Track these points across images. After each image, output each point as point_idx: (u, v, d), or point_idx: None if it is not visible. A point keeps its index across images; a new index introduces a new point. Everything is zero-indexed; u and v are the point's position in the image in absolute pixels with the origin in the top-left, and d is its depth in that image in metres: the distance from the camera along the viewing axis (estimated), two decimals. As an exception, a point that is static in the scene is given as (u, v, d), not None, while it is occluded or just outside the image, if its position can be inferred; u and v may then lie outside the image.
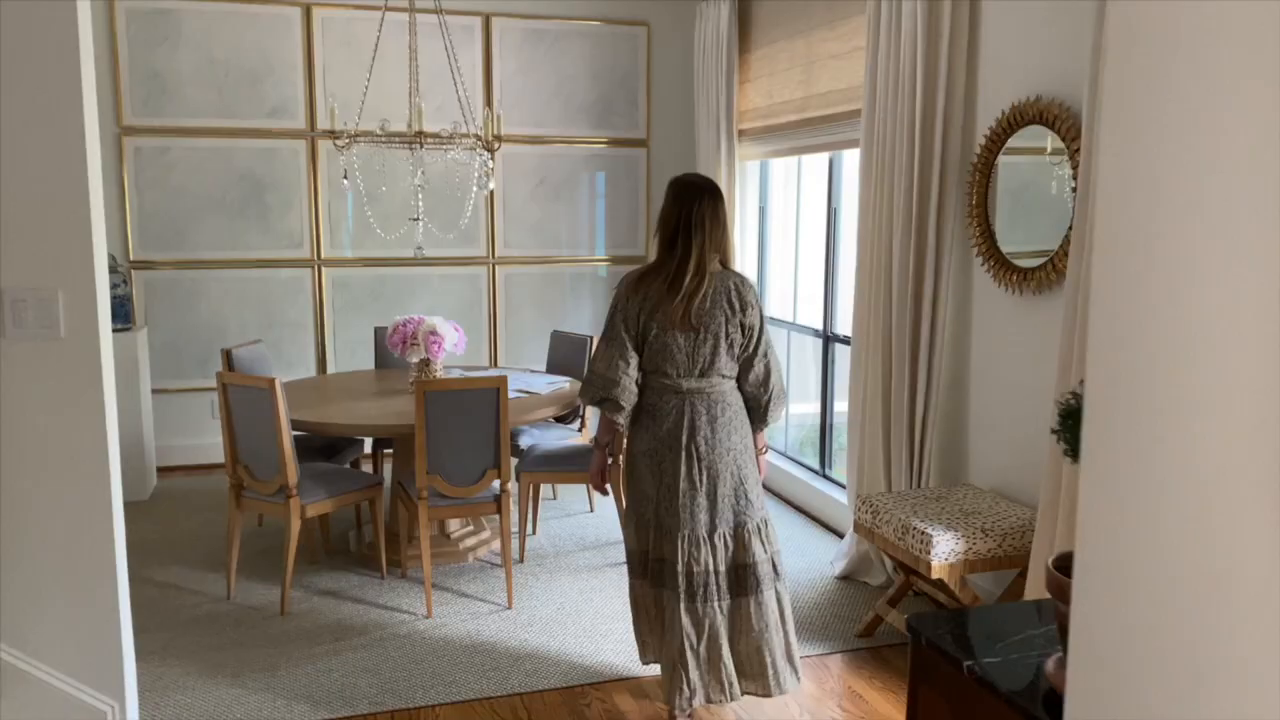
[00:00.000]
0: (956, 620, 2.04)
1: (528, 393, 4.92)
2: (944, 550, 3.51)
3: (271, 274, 6.51)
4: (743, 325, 3.17)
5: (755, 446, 3.32)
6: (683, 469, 3.14)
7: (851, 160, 5.41)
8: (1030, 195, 3.83)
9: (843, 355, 5.54)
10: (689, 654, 3.16)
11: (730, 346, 3.16)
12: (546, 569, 4.76)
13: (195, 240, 6.36)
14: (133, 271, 6.26)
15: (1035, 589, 3.43)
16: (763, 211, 6.38)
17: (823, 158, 5.58)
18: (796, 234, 6.06)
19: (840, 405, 5.69)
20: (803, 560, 4.89)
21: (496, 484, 4.32)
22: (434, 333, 4.83)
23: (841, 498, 5.33)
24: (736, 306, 3.17)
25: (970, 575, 3.66)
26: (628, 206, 7.11)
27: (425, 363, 4.91)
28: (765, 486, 4.33)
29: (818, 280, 5.67)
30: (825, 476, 5.66)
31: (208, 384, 6.39)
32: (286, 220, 6.49)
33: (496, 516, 4.34)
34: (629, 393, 3.20)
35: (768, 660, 3.21)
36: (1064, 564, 1.72)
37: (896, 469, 4.35)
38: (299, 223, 6.51)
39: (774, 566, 3.25)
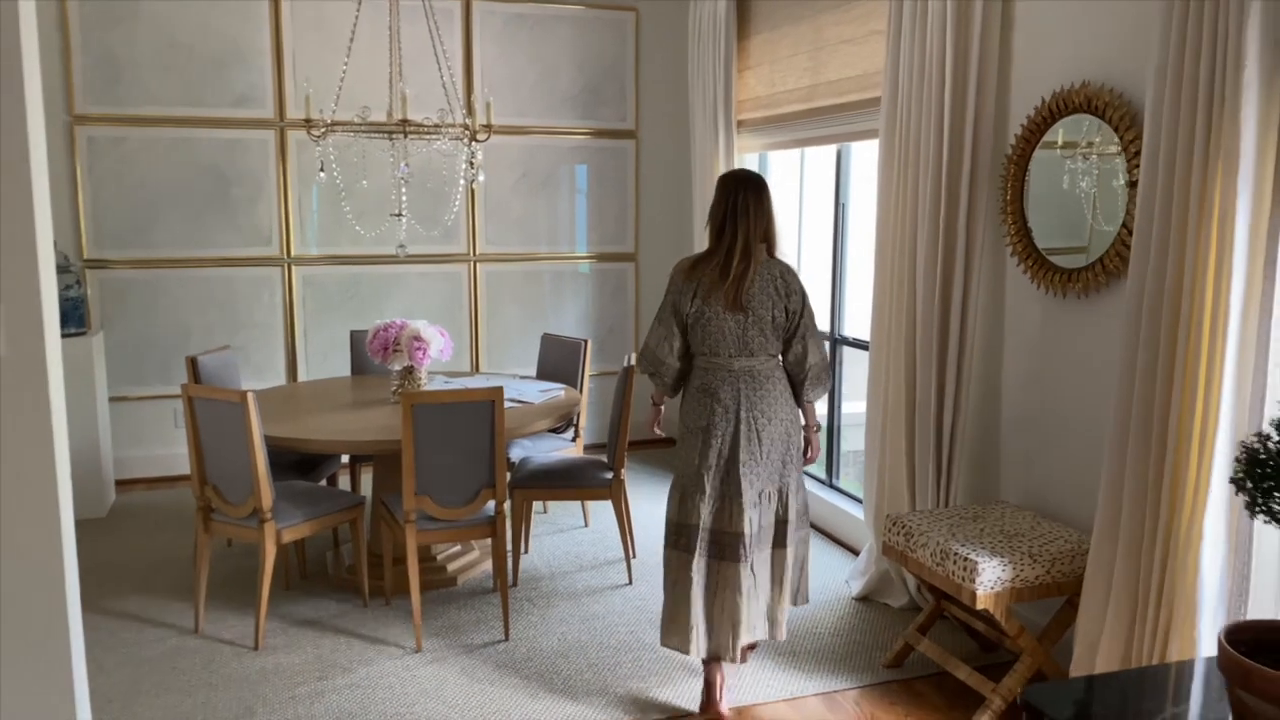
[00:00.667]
0: (1080, 694, 1.72)
1: (521, 402, 4.57)
2: (990, 578, 3.21)
3: (238, 273, 6.10)
4: (787, 309, 3.38)
5: (807, 423, 3.56)
6: (742, 440, 3.35)
7: (862, 152, 5.11)
8: (1072, 190, 3.53)
9: (851, 359, 5.23)
10: (704, 602, 3.39)
11: (775, 328, 3.37)
12: (543, 593, 4.42)
13: (155, 237, 5.94)
14: (87, 271, 5.83)
15: (1091, 624, 3.14)
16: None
17: (829, 150, 5.27)
18: (799, 230, 5.75)
19: (850, 409, 5.40)
20: (815, 579, 4.58)
21: (491, 505, 3.97)
22: (418, 338, 4.47)
23: (852, 510, 5.03)
24: (781, 291, 3.37)
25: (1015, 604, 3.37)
26: (616, 201, 6.76)
27: (409, 370, 4.54)
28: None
29: (822, 278, 5.37)
30: (833, 487, 5.35)
31: (169, 390, 5.97)
32: (254, 216, 6.08)
33: (489, 540, 4.00)
34: (674, 371, 3.49)
35: (783, 605, 3.48)
36: (1240, 637, 1.41)
37: (922, 484, 4.04)
38: (268, 218, 6.10)
39: (802, 521, 3.53)
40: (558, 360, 5.28)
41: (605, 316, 6.84)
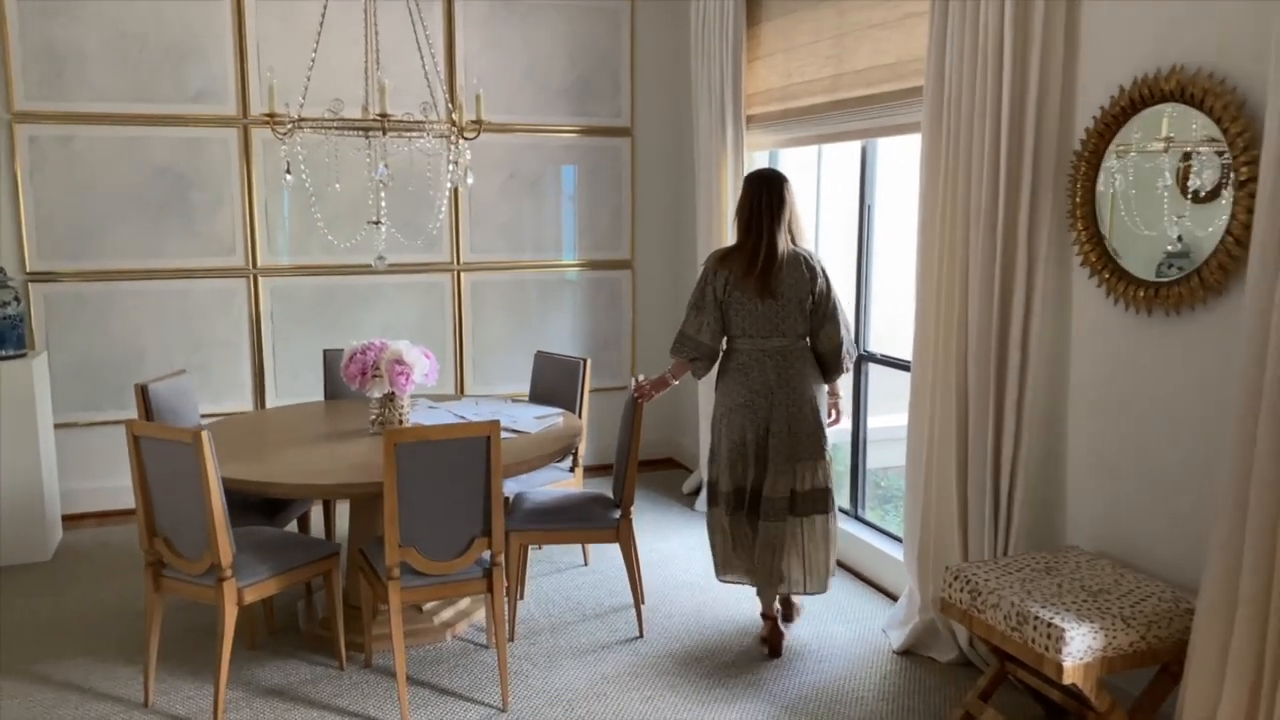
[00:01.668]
0: None
1: (516, 432, 4.06)
2: (1079, 647, 2.73)
3: (198, 285, 5.55)
4: (813, 292, 3.71)
5: (833, 393, 3.91)
6: (776, 414, 3.70)
7: (891, 149, 4.63)
8: (1154, 191, 3.06)
9: (878, 376, 4.75)
10: (742, 551, 3.83)
11: (803, 311, 3.70)
12: (543, 649, 3.90)
13: (106, 247, 5.38)
14: (29, 285, 5.27)
15: (1202, 700, 2.66)
16: (772, 210, 5.56)
17: (850, 147, 4.79)
18: (816, 235, 5.26)
19: (877, 430, 4.94)
20: (848, 628, 4.10)
21: (487, 555, 3.46)
22: (400, 361, 3.95)
23: (882, 546, 4.55)
24: (806, 276, 3.70)
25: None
26: (609, 203, 6.26)
27: (389, 398, 4.02)
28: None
29: (844, 287, 4.88)
30: (859, 519, 4.87)
31: (123, 415, 5.41)
32: (215, 223, 5.53)
33: (485, 595, 3.49)
34: (713, 354, 3.83)
35: (816, 564, 3.79)
36: None
37: (976, 525, 3.56)
38: (230, 225, 5.56)
39: (830, 496, 3.80)
40: (554, 381, 4.77)
41: (600, 329, 6.34)
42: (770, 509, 3.70)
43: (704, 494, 4.32)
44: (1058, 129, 3.34)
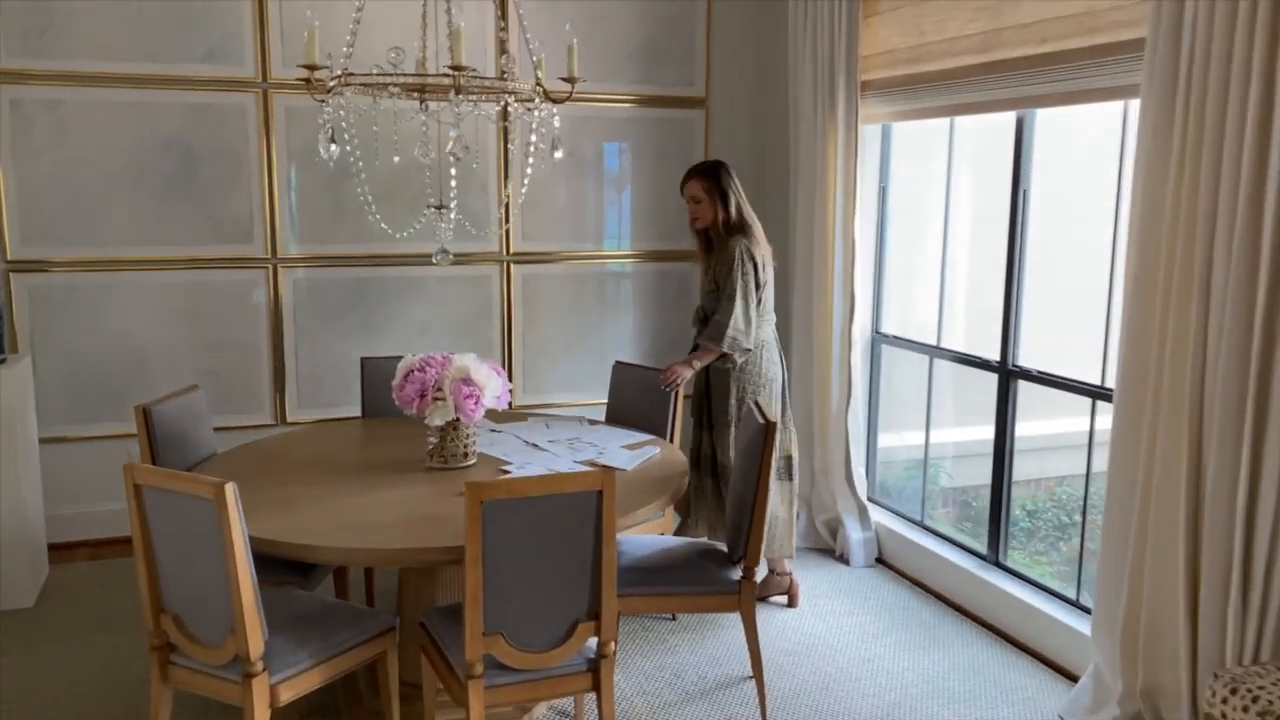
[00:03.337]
0: None
1: (608, 468, 3.26)
2: None
3: (208, 277, 4.74)
4: None
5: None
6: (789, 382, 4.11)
7: (1050, 122, 3.83)
8: None
9: (1030, 396, 3.96)
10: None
11: None
12: (646, 743, 3.13)
13: (101, 232, 4.57)
14: (11, 276, 4.46)
15: None
16: (883, 193, 4.76)
17: (999, 121, 3.98)
18: (945, 224, 4.44)
19: (958, 438, 4.18)
20: (1010, 710, 3.32)
21: (593, 644, 2.67)
22: (467, 381, 3.16)
23: (1035, 600, 3.76)
24: None
25: None
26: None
27: (453, 425, 3.23)
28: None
29: (973, 287, 4.11)
30: (1000, 566, 4.08)
31: (121, 429, 4.61)
32: (230, 204, 4.72)
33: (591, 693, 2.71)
34: None
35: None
36: None
37: (1213, 608, 2.77)
38: (246, 208, 4.75)
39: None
40: (640, 400, 3.97)
41: (666, 329, 5.53)
42: (792, 470, 4.06)
43: (797, 478, 4.11)
44: (1351, 93, 2.54)
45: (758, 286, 3.85)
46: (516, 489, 2.48)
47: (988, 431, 4.06)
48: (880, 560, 4.62)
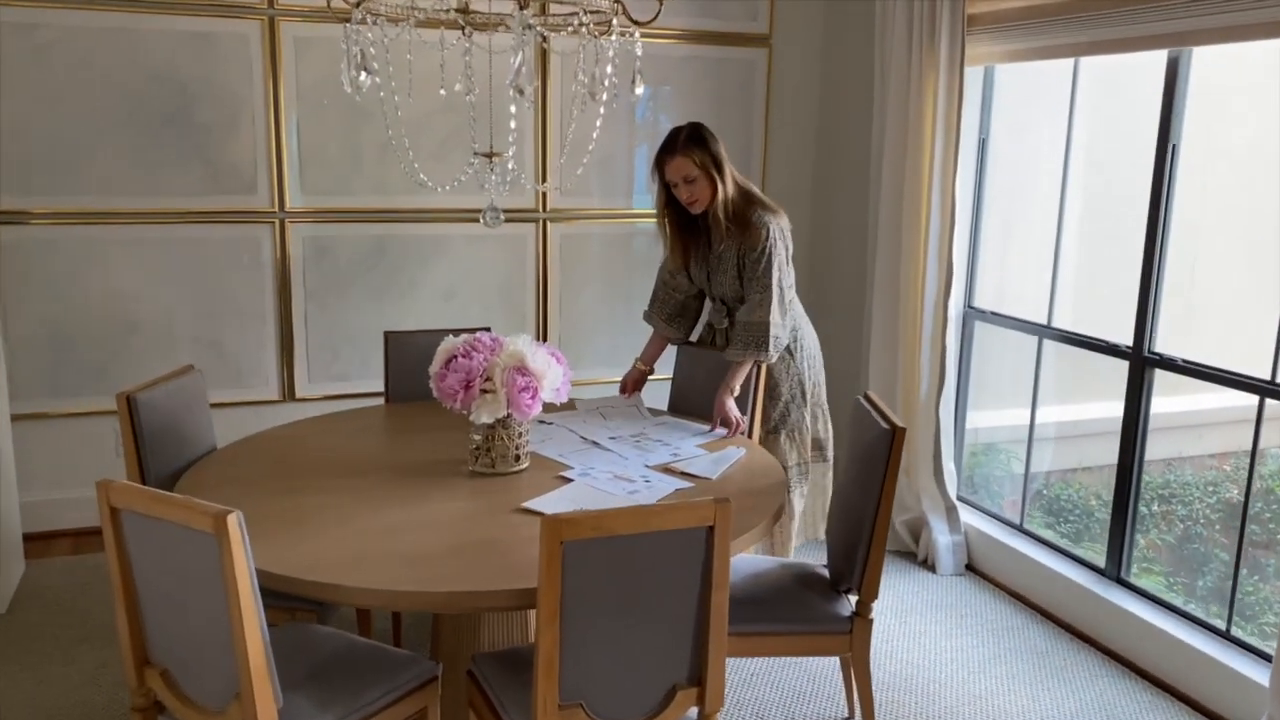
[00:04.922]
0: None
1: (690, 477, 2.70)
2: None
3: (208, 233, 4.15)
4: None
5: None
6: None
7: (1214, 62, 3.22)
8: None
9: (1168, 388, 3.38)
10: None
11: None
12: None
13: (84, 179, 3.97)
14: (-22, 229, 3.88)
15: None
16: (982, 146, 4.14)
17: (1146, 62, 3.37)
18: (1063, 185, 3.82)
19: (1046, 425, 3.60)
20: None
21: (693, 715, 2.12)
22: (522, 370, 2.58)
23: (1169, 626, 3.22)
24: None
25: None
26: (737, 133, 4.79)
27: (503, 422, 2.66)
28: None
29: (1121, 267, 3.52)
30: (1121, 582, 3.52)
31: (104, 405, 4.04)
32: (230, 149, 4.11)
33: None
34: None
35: None
36: None
37: None
38: (250, 154, 4.14)
39: None
40: (705, 384, 3.38)
41: (718, 298, 4.94)
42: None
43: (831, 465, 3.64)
44: None
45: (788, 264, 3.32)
46: (606, 525, 1.90)
47: (1066, 412, 3.56)
48: (970, 567, 4.07)
